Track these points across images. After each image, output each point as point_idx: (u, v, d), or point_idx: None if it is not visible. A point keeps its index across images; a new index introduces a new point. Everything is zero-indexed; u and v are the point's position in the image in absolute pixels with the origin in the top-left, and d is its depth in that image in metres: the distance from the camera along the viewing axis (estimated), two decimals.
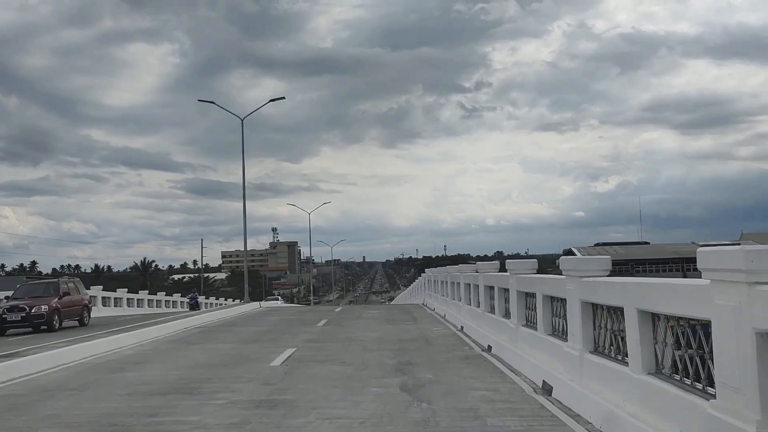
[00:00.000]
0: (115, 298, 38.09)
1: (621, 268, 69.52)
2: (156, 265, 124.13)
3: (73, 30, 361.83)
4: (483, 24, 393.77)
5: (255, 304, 31.62)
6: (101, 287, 38.61)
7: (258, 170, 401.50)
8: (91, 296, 29.33)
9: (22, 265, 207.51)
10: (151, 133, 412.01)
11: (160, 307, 44.14)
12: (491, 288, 14.59)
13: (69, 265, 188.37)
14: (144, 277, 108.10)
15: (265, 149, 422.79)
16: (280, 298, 62.15)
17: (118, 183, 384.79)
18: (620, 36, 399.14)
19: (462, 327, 17.01)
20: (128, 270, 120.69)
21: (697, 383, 5.32)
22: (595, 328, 7.73)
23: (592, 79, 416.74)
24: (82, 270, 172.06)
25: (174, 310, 40.41)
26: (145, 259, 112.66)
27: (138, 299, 41.76)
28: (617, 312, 6.91)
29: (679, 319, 5.61)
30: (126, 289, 41.12)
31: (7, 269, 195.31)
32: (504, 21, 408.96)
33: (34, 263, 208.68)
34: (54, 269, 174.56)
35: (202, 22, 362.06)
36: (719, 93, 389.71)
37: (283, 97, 36.36)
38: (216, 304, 54.85)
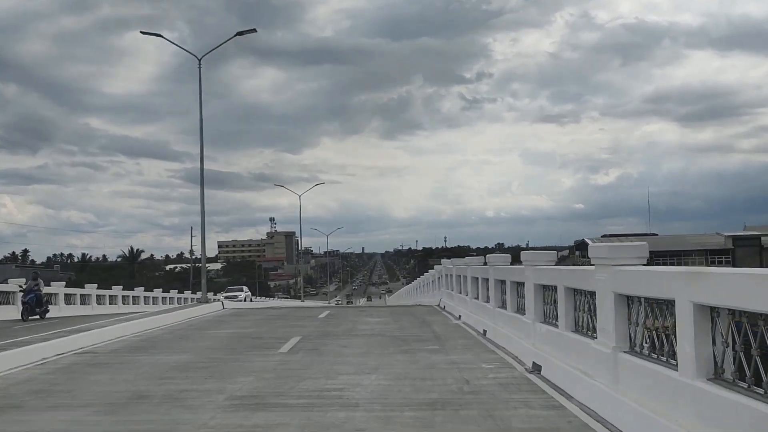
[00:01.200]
0: (82, 295, 33.38)
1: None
2: (148, 255, 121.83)
3: (72, 17, 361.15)
4: (484, 14, 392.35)
5: (214, 305, 26.25)
6: (71, 279, 37.17)
7: (258, 161, 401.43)
8: (50, 294, 28.32)
9: (13, 253, 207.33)
10: (150, 122, 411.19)
11: (138, 303, 40.06)
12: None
13: (62, 254, 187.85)
14: (132, 267, 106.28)
15: (264, 140, 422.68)
16: (246, 293, 52.65)
17: (117, 172, 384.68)
18: (623, 26, 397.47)
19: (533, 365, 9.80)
20: (118, 260, 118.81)
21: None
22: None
23: (593, 71, 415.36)
24: (76, 259, 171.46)
25: (153, 307, 36.69)
26: (132, 247, 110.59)
27: (111, 295, 37.23)
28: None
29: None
30: (95, 285, 36.32)
31: None
32: (505, 11, 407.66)
33: (25, 252, 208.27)
34: (49, 257, 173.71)
35: (202, 10, 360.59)
36: (722, 85, 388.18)
37: (254, 29, 31.15)
38: (168, 300, 48.50)
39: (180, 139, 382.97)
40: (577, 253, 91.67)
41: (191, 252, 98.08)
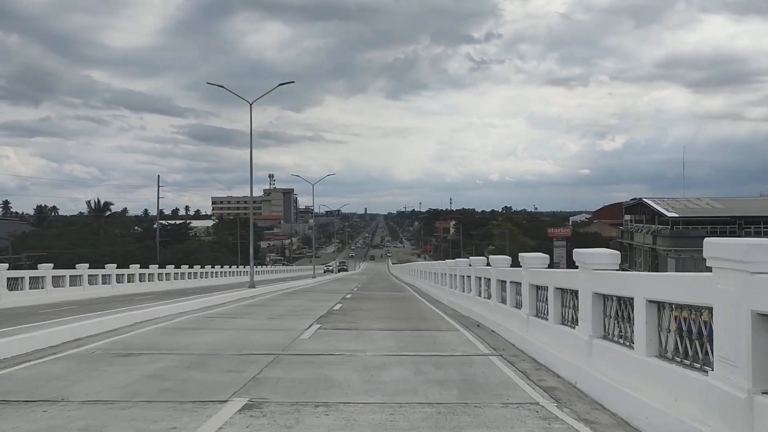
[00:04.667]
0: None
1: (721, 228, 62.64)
2: (119, 209, 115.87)
3: None
4: None
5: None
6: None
7: (261, 118, 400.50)
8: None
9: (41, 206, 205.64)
10: (153, 77, 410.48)
11: (80, 285, 31.71)
12: None
13: (45, 206, 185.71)
14: (98, 222, 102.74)
15: (268, 97, 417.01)
16: None
17: (120, 126, 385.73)
18: None
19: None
20: (82, 213, 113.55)
21: None
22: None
23: (604, 33, 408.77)
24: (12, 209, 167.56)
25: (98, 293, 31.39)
26: (98, 200, 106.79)
27: (55, 276, 29.28)
28: None
29: None
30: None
31: None
32: None
33: (6, 203, 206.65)
34: (39, 206, 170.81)
35: None
36: (735, 51, 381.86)
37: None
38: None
39: (184, 94, 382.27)
40: (627, 218, 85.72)
41: (159, 212, 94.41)
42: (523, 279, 12.38)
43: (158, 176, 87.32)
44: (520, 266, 12.63)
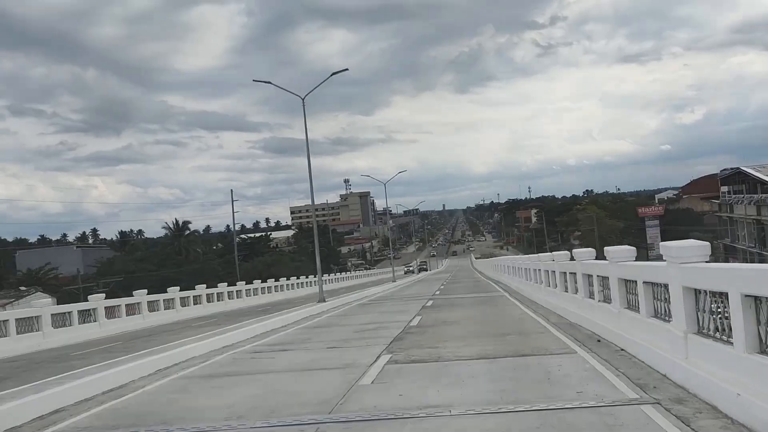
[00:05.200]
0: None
1: None
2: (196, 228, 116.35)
3: None
4: None
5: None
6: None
7: (333, 125, 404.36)
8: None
9: (84, 233, 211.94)
10: (225, 96, 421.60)
11: (139, 313, 29.09)
12: None
13: (131, 231, 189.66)
14: (179, 242, 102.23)
15: (337, 104, 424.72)
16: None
17: (198, 147, 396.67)
18: None
19: None
20: (165, 235, 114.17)
21: None
22: None
23: (674, 3, 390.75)
24: (146, 236, 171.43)
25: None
26: (177, 220, 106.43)
27: (63, 312, 24.15)
28: None
29: None
30: (145, 291, 29.91)
31: (69, 238, 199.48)
32: None
33: (94, 231, 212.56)
34: (121, 231, 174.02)
35: None
36: None
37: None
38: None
39: (255, 110, 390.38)
40: (724, 190, 77.95)
41: (232, 229, 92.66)
42: (670, 279, 8.37)
43: (231, 191, 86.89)
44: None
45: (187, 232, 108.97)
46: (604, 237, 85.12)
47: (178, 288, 33.72)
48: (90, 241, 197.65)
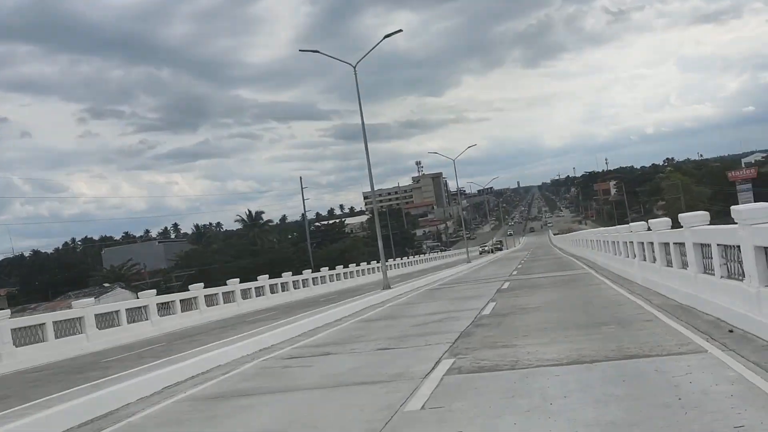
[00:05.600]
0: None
1: None
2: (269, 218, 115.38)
3: None
4: None
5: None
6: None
7: (402, 108, 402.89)
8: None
9: (165, 228, 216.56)
10: (294, 86, 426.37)
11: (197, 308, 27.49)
12: None
13: (210, 223, 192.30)
14: (253, 233, 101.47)
15: (406, 86, 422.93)
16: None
17: (271, 138, 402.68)
18: None
19: None
20: (239, 228, 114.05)
21: None
22: None
23: None
24: (182, 231, 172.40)
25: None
26: (250, 211, 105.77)
27: (109, 312, 22.33)
28: None
29: None
30: (202, 285, 29.05)
31: (152, 234, 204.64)
32: None
33: (176, 225, 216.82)
34: (197, 225, 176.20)
35: None
36: None
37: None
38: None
39: (324, 98, 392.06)
40: None
41: (304, 216, 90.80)
42: None
43: (300, 178, 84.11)
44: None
45: (261, 222, 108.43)
46: (691, 205, 79.62)
47: (238, 280, 31.87)
48: (172, 235, 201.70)
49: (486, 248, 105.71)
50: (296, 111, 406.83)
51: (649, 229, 15.80)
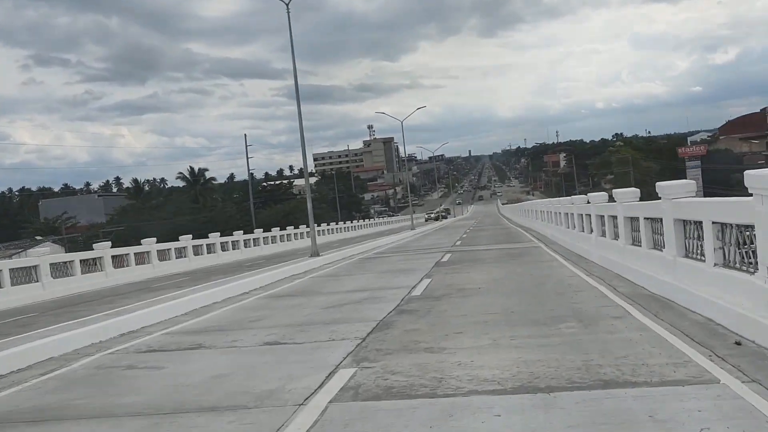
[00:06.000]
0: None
1: None
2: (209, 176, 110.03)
3: None
4: None
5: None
6: None
7: (357, 71, 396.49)
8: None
9: (107, 182, 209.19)
10: (248, 42, 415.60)
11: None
12: None
13: (154, 179, 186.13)
14: (195, 190, 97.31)
15: (361, 49, 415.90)
16: None
17: (223, 95, 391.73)
18: None
19: None
20: (181, 185, 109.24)
21: None
22: None
23: None
24: (124, 186, 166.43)
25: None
26: (192, 167, 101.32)
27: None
28: None
29: None
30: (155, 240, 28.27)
31: (93, 188, 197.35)
32: None
33: (117, 179, 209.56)
34: (135, 179, 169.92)
35: None
36: None
37: None
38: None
39: (279, 56, 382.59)
40: None
41: (248, 175, 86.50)
42: None
43: (245, 135, 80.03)
44: None
45: (204, 179, 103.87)
46: (640, 180, 78.62)
47: (155, 240, 28.68)
48: (114, 190, 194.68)
49: (431, 215, 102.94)
50: (249, 68, 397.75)
51: (611, 199, 13.44)
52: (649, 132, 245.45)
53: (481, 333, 7.70)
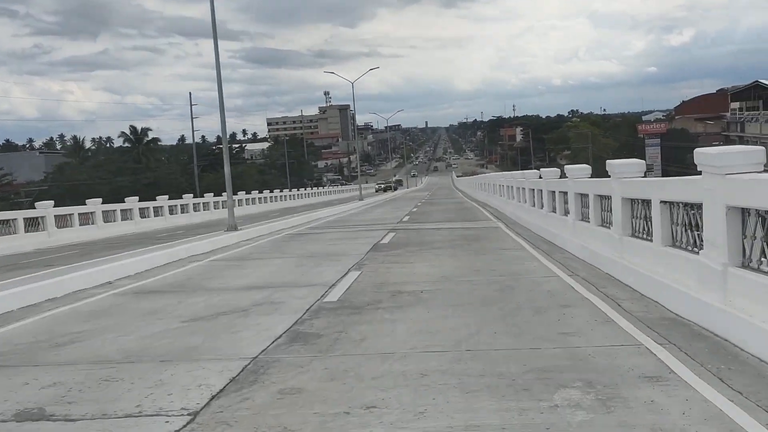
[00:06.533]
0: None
1: None
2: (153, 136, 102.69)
3: None
4: None
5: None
6: None
7: (315, 37, 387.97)
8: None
9: (51, 139, 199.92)
10: (204, 1, 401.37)
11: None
12: None
13: (100, 137, 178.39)
14: (137, 151, 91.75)
15: (319, 14, 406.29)
16: None
17: (177, 54, 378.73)
18: None
19: None
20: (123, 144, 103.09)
21: None
22: None
23: None
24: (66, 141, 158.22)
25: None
26: (135, 127, 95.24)
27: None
28: None
29: None
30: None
31: (36, 144, 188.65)
32: None
33: (62, 137, 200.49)
34: (75, 137, 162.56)
35: None
36: None
37: None
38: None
39: (236, 17, 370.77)
40: (735, 106, 67.67)
41: (192, 136, 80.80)
42: None
43: (190, 94, 74.69)
44: None
45: (147, 139, 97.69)
46: (597, 156, 76.22)
47: (52, 203, 24.37)
48: (58, 147, 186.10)
49: (382, 185, 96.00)
50: (205, 28, 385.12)
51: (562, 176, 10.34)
52: (605, 110, 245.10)
53: (412, 414, 4.07)
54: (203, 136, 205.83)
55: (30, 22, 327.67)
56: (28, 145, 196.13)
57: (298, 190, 78.07)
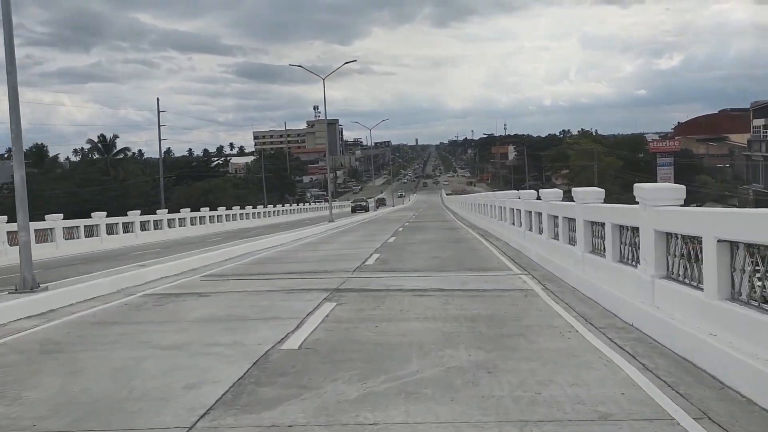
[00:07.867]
0: None
1: None
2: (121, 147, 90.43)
3: None
4: None
5: None
6: None
7: (309, 53, 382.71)
8: None
9: (31, 147, 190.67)
10: (198, 16, 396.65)
11: None
12: None
13: (83, 148, 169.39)
14: (104, 162, 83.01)
15: (314, 31, 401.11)
16: None
17: (170, 68, 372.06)
18: None
19: None
20: (90, 155, 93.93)
21: None
22: None
23: None
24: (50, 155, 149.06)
25: None
26: (104, 136, 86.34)
27: None
28: None
29: None
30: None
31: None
32: None
33: (43, 146, 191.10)
34: (37, 144, 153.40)
35: None
36: None
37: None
38: None
39: (230, 32, 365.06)
40: (759, 124, 59.79)
41: (159, 147, 70.95)
42: None
43: (158, 99, 65.78)
44: None
45: (116, 149, 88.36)
46: (604, 177, 68.19)
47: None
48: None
49: (362, 203, 78.65)
50: (198, 43, 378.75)
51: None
52: (596, 131, 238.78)
53: None
54: (190, 149, 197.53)
55: (21, 33, 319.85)
56: (7, 155, 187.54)
57: (274, 206, 69.33)
